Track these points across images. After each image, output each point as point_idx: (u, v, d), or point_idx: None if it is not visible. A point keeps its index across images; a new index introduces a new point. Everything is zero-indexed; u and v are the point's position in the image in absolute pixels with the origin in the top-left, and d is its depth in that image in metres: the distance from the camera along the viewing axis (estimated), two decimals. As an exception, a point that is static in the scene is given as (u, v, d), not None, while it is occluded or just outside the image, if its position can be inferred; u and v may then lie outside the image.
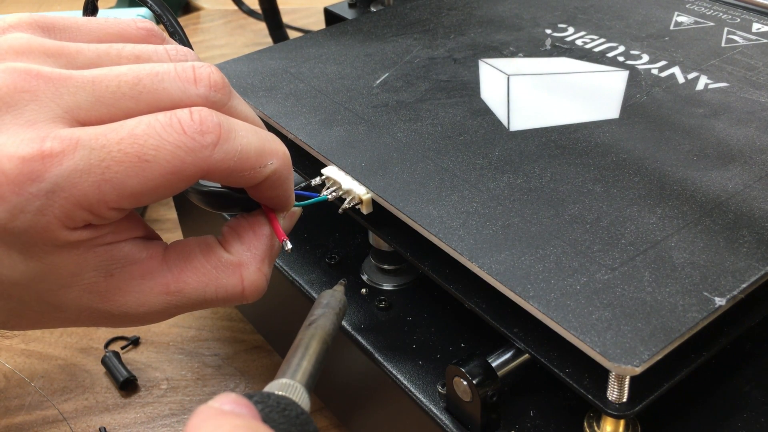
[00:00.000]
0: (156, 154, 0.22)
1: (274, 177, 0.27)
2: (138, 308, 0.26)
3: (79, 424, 0.44)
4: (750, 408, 0.31)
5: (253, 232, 0.28)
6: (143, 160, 0.22)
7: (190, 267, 0.27)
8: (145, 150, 0.22)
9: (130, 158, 0.22)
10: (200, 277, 0.27)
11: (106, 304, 0.25)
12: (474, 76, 0.42)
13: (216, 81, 0.25)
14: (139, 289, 0.26)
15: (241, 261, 0.28)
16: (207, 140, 0.23)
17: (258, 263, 0.28)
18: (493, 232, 0.30)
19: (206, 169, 0.24)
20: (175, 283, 0.26)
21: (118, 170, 0.22)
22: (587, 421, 0.29)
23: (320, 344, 0.27)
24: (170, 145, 0.23)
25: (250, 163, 0.25)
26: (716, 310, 0.26)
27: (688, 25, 0.47)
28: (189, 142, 0.23)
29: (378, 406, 0.37)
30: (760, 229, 0.30)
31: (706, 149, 0.35)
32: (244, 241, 0.28)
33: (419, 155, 0.35)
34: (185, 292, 0.26)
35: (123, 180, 0.22)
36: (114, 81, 0.24)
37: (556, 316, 0.26)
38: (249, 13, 0.90)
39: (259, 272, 0.28)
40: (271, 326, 0.47)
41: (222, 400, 0.20)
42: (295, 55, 0.45)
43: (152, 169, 0.23)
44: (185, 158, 0.23)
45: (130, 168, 0.22)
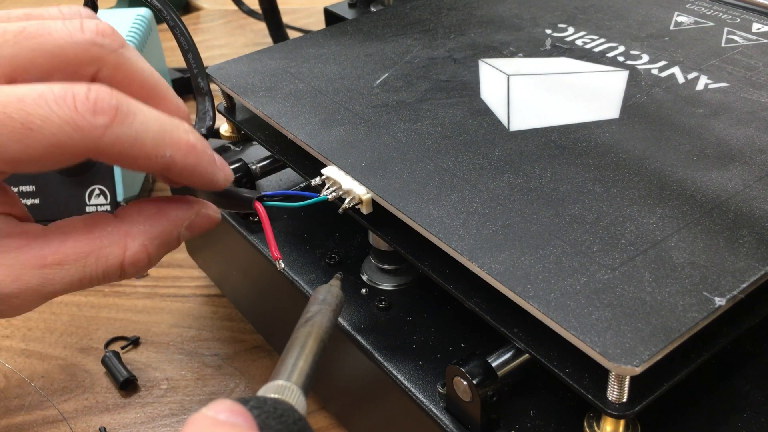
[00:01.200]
0: (42, 124, 0.22)
1: (176, 168, 0.25)
2: (11, 284, 0.24)
3: (79, 424, 0.44)
4: (750, 408, 0.31)
5: (156, 210, 0.27)
6: (27, 128, 0.22)
7: (71, 238, 0.25)
8: (32, 118, 0.22)
9: (14, 123, 0.22)
10: (81, 246, 0.25)
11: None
12: (474, 76, 0.42)
13: (104, 28, 0.24)
14: (13, 262, 0.24)
15: (130, 231, 0.26)
16: (98, 121, 0.23)
17: (147, 239, 0.26)
18: (493, 232, 0.30)
19: (94, 149, 0.23)
20: (53, 255, 0.25)
21: (1, 133, 0.22)
22: (587, 421, 0.29)
23: (317, 343, 0.27)
24: (58, 118, 0.22)
25: (144, 151, 0.24)
26: (716, 310, 0.26)
27: (688, 25, 0.47)
28: (78, 119, 0.22)
29: (378, 406, 0.37)
30: (760, 229, 0.30)
31: (706, 149, 0.35)
32: (143, 213, 0.27)
33: (419, 155, 0.35)
34: (64, 265, 0.25)
35: (2, 143, 0.22)
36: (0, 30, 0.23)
37: (556, 316, 0.26)
38: (249, 13, 0.90)
39: (142, 248, 0.26)
40: (271, 326, 0.47)
41: (217, 408, 0.20)
42: (295, 55, 0.45)
43: (35, 138, 0.22)
44: (72, 134, 0.22)
45: (13, 132, 0.22)
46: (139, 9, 0.69)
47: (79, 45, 0.24)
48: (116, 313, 0.52)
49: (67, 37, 0.24)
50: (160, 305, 0.53)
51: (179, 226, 0.27)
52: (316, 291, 0.30)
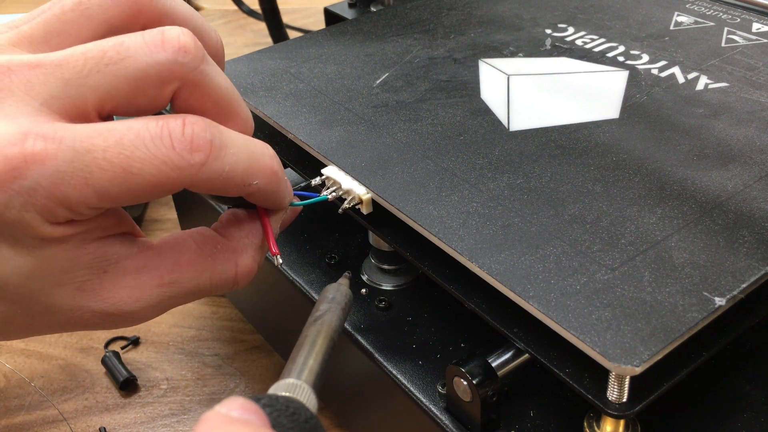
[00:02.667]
0: (141, 167, 0.22)
1: (258, 194, 0.26)
2: (133, 304, 0.25)
3: (79, 424, 0.44)
4: (750, 408, 0.31)
5: (252, 221, 0.28)
6: (128, 172, 0.22)
7: (184, 257, 0.26)
8: (131, 162, 0.22)
9: (115, 168, 0.22)
10: (195, 265, 0.26)
11: (101, 302, 0.25)
12: (474, 76, 0.42)
13: (185, 43, 0.24)
14: (134, 284, 0.25)
15: (238, 247, 0.27)
16: (195, 159, 0.23)
17: (254, 251, 0.28)
18: (493, 232, 0.30)
19: (190, 185, 0.24)
20: (170, 274, 0.26)
21: (100, 177, 0.22)
22: (587, 421, 0.29)
23: (326, 341, 0.27)
24: (157, 160, 0.22)
25: (235, 182, 0.25)
26: (716, 310, 0.26)
27: (688, 25, 0.47)
28: (176, 159, 0.23)
29: (378, 406, 0.37)
30: (760, 229, 0.30)
31: (706, 149, 0.35)
32: (242, 227, 0.28)
33: (419, 155, 0.35)
34: (180, 282, 0.26)
35: (105, 186, 0.22)
36: (80, 59, 0.23)
37: (556, 316, 0.26)
38: (249, 13, 0.90)
39: (253, 260, 0.28)
40: (271, 326, 0.47)
41: (230, 405, 0.20)
42: (295, 55, 0.45)
43: (135, 180, 0.22)
44: (170, 174, 0.23)
45: (114, 177, 0.22)
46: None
47: (161, 65, 0.24)
48: (116, 313, 0.52)
49: (148, 59, 0.23)
50: (160, 305, 0.53)
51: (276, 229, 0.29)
52: (325, 290, 0.30)
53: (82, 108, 0.23)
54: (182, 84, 0.24)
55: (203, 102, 0.25)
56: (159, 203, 0.63)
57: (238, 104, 0.27)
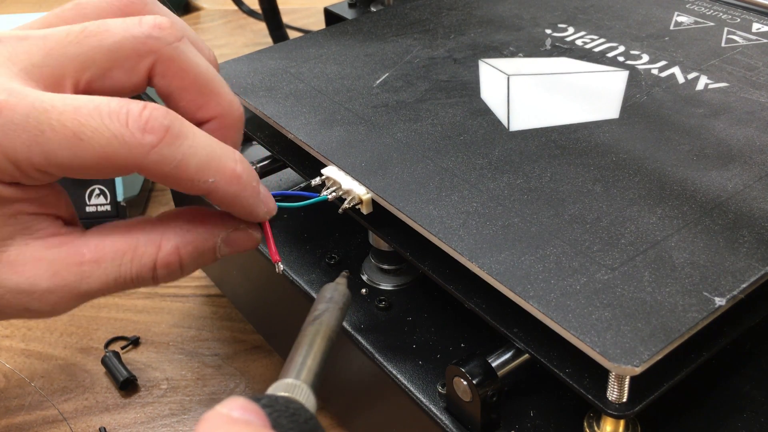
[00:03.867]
0: (92, 135, 0.23)
1: (217, 194, 0.26)
2: (49, 279, 0.25)
3: (79, 424, 0.44)
4: (750, 408, 0.31)
5: (194, 217, 0.27)
6: (77, 137, 0.23)
7: (109, 237, 0.26)
8: (83, 129, 0.23)
9: (66, 131, 0.23)
10: (119, 244, 0.26)
11: (16, 275, 0.24)
12: (474, 76, 0.42)
13: (161, 21, 0.25)
14: (52, 258, 0.25)
15: (165, 233, 0.26)
16: (146, 140, 0.23)
17: (180, 242, 0.27)
18: (493, 232, 0.30)
19: (139, 166, 0.24)
20: (91, 252, 0.25)
21: (51, 137, 0.23)
22: (587, 421, 0.29)
23: (325, 341, 0.27)
24: (108, 132, 0.23)
25: (187, 174, 0.24)
26: (716, 310, 0.26)
27: (688, 25, 0.47)
28: (127, 136, 0.23)
29: (378, 406, 0.37)
30: (760, 229, 0.30)
31: (706, 149, 0.35)
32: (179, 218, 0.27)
33: (419, 155, 0.35)
34: (101, 263, 0.25)
35: (53, 148, 0.23)
36: (63, 33, 0.24)
37: (556, 316, 0.26)
38: (249, 13, 0.90)
39: (175, 250, 0.26)
40: (271, 326, 0.47)
41: (230, 405, 0.20)
42: (295, 55, 0.45)
43: (84, 147, 0.23)
44: (119, 149, 0.23)
45: (63, 140, 0.23)
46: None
47: (136, 39, 0.25)
48: (116, 313, 0.52)
49: (124, 32, 0.25)
50: (160, 305, 0.53)
51: (215, 236, 0.28)
52: (323, 289, 0.30)
53: (59, 78, 0.24)
54: (157, 58, 0.25)
55: (181, 79, 0.26)
56: (159, 203, 0.63)
57: (219, 85, 0.27)
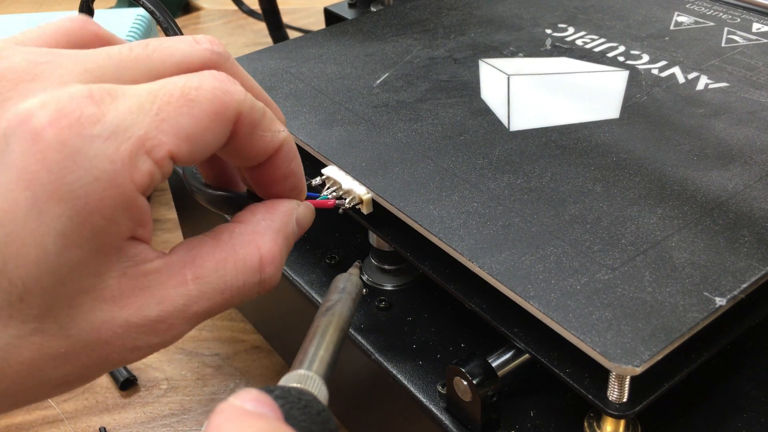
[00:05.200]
0: (197, 93, 0.23)
1: (287, 147, 0.26)
2: (158, 307, 0.23)
3: (79, 424, 0.44)
4: (750, 408, 0.31)
5: (266, 207, 0.27)
6: (188, 99, 0.22)
7: (202, 251, 0.25)
8: (188, 90, 0.23)
9: (176, 98, 0.22)
10: (215, 254, 0.25)
11: (124, 310, 0.22)
12: (474, 76, 0.42)
13: (213, 40, 0.26)
14: (155, 284, 0.23)
15: (256, 229, 0.26)
16: (237, 88, 0.24)
17: (273, 233, 0.26)
18: (493, 232, 0.30)
19: (240, 112, 0.24)
20: (192, 270, 0.24)
21: (169, 109, 0.22)
22: (587, 421, 0.29)
23: (337, 332, 0.27)
24: (208, 84, 0.23)
25: (269, 123, 0.25)
26: (717, 310, 0.26)
27: (688, 25, 0.47)
28: (223, 84, 0.23)
29: (378, 406, 0.37)
30: (760, 229, 0.30)
31: (707, 149, 0.35)
32: (256, 213, 0.27)
33: (419, 155, 0.35)
34: (204, 278, 0.24)
35: (176, 118, 0.22)
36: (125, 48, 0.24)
37: (556, 316, 0.26)
38: (249, 13, 0.90)
39: (274, 242, 0.26)
40: (271, 326, 0.47)
41: (244, 397, 0.20)
42: (295, 55, 0.45)
43: (199, 107, 0.23)
44: (223, 98, 0.23)
45: (180, 106, 0.22)
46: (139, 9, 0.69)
47: (201, 54, 0.25)
48: (116, 313, 0.52)
49: (189, 48, 0.25)
50: (160, 305, 0.53)
51: (291, 216, 0.27)
52: (336, 280, 0.30)
53: None
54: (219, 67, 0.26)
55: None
56: (159, 203, 0.63)
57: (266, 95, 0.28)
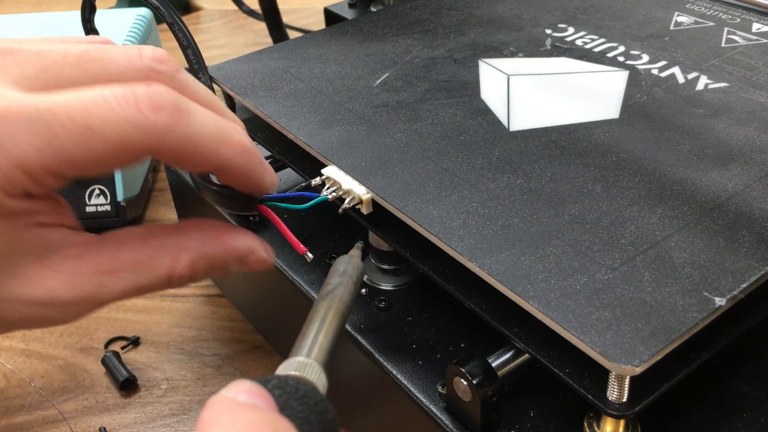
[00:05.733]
0: (104, 125, 0.22)
1: (230, 168, 0.25)
2: (70, 292, 0.24)
3: (79, 424, 0.44)
4: (750, 408, 0.31)
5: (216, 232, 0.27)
6: (89, 129, 0.22)
7: (127, 246, 0.25)
8: (93, 119, 0.22)
9: (76, 125, 0.22)
10: (136, 255, 0.25)
11: (35, 290, 0.24)
12: (474, 76, 0.42)
13: (160, 55, 0.25)
14: (71, 269, 0.24)
15: (183, 245, 0.26)
16: (160, 119, 0.23)
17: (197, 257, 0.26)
18: (493, 232, 0.30)
19: (154, 147, 0.23)
20: (109, 263, 0.25)
21: (62, 135, 0.22)
22: (587, 421, 0.29)
23: (337, 317, 0.26)
24: (119, 118, 0.22)
25: (202, 149, 0.24)
26: (716, 310, 0.26)
27: (688, 25, 0.47)
28: (140, 119, 0.22)
29: (378, 406, 0.37)
30: (760, 229, 0.30)
31: (706, 149, 0.35)
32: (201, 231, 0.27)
33: (419, 155, 0.35)
34: (119, 272, 0.25)
35: (66, 146, 0.22)
36: (61, 53, 0.24)
37: (556, 316, 0.26)
38: (249, 13, 0.90)
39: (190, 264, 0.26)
40: (271, 326, 0.47)
41: (237, 389, 0.20)
42: (295, 55, 0.45)
43: (97, 139, 0.22)
44: (134, 134, 0.22)
45: (75, 135, 0.22)
46: (139, 9, 0.69)
47: (139, 71, 0.24)
48: (116, 313, 0.52)
49: (127, 63, 0.24)
50: (160, 305, 0.53)
51: (232, 256, 0.27)
52: (336, 262, 0.29)
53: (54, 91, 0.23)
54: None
55: None
56: (159, 203, 0.63)
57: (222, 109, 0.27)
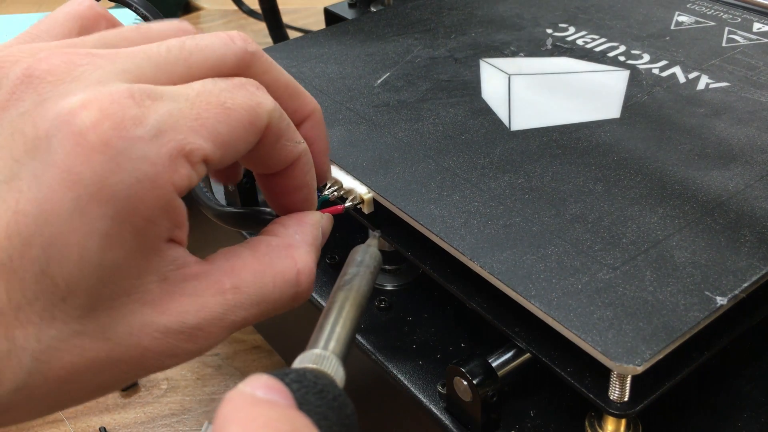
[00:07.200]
0: (233, 103, 0.23)
1: (305, 158, 0.27)
2: (196, 314, 0.23)
3: (79, 424, 0.44)
4: (750, 408, 0.31)
5: (297, 220, 0.27)
6: (226, 107, 0.23)
7: (240, 261, 0.25)
8: (223, 99, 0.23)
9: (214, 106, 0.23)
10: (253, 266, 0.25)
11: (163, 316, 0.22)
12: (475, 76, 0.42)
13: (246, 38, 0.26)
14: (194, 290, 0.23)
15: (291, 243, 0.26)
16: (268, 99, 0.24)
17: (307, 246, 0.26)
18: (494, 232, 0.30)
19: (268, 122, 0.24)
20: (230, 279, 0.24)
21: (207, 115, 0.22)
22: (588, 421, 0.29)
23: (355, 308, 0.26)
24: (240, 95, 0.23)
25: (292, 134, 0.26)
26: (717, 310, 0.26)
27: (688, 24, 0.47)
28: (255, 95, 0.24)
29: (378, 406, 0.37)
30: (761, 229, 0.30)
31: (707, 149, 0.35)
32: (288, 226, 0.27)
33: (420, 155, 0.35)
34: (242, 288, 0.24)
35: (214, 124, 0.22)
36: (162, 48, 0.24)
37: (557, 316, 0.26)
38: (249, 13, 0.90)
39: (308, 255, 0.26)
40: (271, 326, 0.47)
41: (254, 384, 0.19)
42: (296, 55, 0.45)
43: (235, 115, 0.23)
44: (256, 108, 0.24)
45: (217, 113, 0.23)
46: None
47: (236, 54, 0.25)
48: (116, 312, 0.52)
49: (225, 48, 0.25)
50: (160, 305, 0.53)
51: (318, 228, 0.28)
52: (354, 252, 0.29)
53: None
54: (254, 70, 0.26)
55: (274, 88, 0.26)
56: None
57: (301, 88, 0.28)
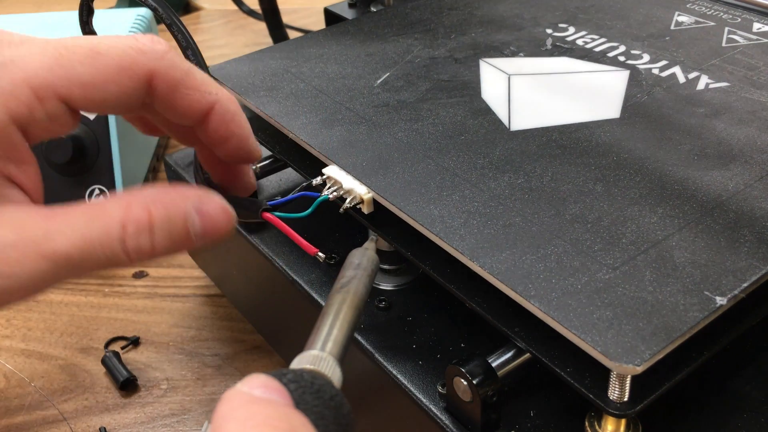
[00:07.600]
0: (109, 49, 0.24)
1: (220, 107, 0.26)
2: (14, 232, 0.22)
3: (79, 424, 0.44)
4: (750, 408, 0.31)
5: (172, 187, 0.25)
6: (95, 51, 0.24)
7: (77, 207, 0.23)
8: (99, 45, 0.24)
9: (83, 49, 0.23)
10: (86, 208, 0.23)
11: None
12: (475, 76, 0.42)
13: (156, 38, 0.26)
14: (15, 214, 0.23)
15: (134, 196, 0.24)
16: (157, 47, 0.25)
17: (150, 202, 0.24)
18: (494, 232, 0.30)
19: (154, 70, 0.24)
20: (60, 214, 0.23)
21: (70, 57, 0.23)
22: (588, 421, 0.29)
23: (352, 310, 0.26)
24: (123, 44, 0.24)
25: (195, 83, 0.26)
26: (717, 310, 0.26)
27: (688, 24, 0.47)
28: (140, 45, 0.25)
29: (378, 406, 0.37)
30: (761, 229, 0.30)
31: (707, 149, 0.35)
32: (155, 188, 0.25)
33: (420, 155, 0.35)
34: (69, 219, 0.23)
35: (74, 65, 0.23)
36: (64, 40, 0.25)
37: (557, 316, 0.26)
38: (249, 13, 0.90)
39: (145, 209, 0.24)
40: (271, 326, 0.47)
41: (252, 383, 0.20)
42: (296, 55, 0.45)
43: (103, 60, 0.24)
44: (136, 57, 0.24)
45: (83, 57, 0.23)
46: (139, 9, 0.69)
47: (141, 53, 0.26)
48: (116, 313, 0.52)
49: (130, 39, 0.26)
50: (160, 305, 0.53)
51: (186, 200, 0.25)
52: (351, 255, 0.29)
53: None
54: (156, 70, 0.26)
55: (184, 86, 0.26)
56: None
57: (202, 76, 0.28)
